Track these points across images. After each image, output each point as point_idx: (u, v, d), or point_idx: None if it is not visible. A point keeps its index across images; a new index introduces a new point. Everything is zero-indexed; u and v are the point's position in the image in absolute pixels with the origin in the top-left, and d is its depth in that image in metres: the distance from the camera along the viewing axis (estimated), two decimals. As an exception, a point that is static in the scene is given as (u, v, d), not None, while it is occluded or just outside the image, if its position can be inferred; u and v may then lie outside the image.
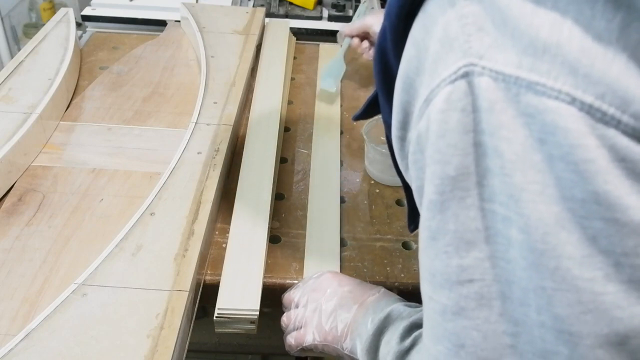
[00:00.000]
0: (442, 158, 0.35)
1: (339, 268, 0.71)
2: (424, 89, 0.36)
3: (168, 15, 1.25)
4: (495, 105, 0.32)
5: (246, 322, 0.65)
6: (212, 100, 0.94)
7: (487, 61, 0.33)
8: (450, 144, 0.34)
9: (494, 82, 0.32)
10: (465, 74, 0.33)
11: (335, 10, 1.32)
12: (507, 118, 0.32)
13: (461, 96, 0.33)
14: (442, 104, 0.34)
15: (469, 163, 0.34)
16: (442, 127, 0.34)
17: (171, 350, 0.56)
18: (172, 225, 0.70)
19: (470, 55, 0.33)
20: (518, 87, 0.32)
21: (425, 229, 0.37)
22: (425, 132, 0.36)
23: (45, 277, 0.65)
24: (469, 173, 0.34)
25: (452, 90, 0.34)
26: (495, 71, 0.32)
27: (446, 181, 0.35)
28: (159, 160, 0.83)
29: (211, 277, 0.69)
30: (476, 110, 0.33)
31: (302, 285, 0.66)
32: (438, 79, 0.35)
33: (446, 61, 0.34)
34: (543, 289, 0.32)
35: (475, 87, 0.33)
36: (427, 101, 0.35)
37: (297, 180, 0.86)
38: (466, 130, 0.34)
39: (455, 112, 0.34)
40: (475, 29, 0.34)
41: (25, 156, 0.81)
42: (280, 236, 0.76)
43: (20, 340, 0.56)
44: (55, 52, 1.01)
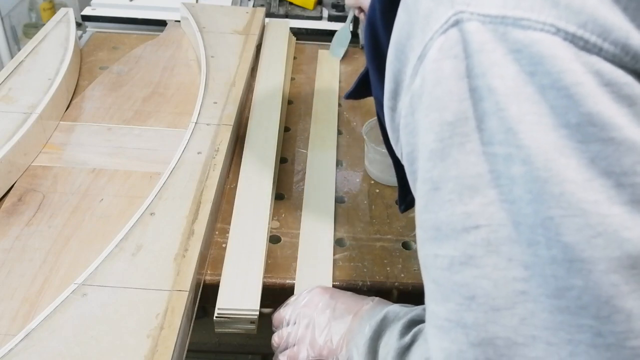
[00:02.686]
0: (439, 105, 0.35)
1: (331, 268, 0.71)
2: (417, 47, 0.37)
3: (168, 15, 1.25)
4: (485, 46, 0.33)
5: (246, 322, 0.65)
6: (212, 100, 0.94)
7: (474, 7, 0.34)
8: (446, 90, 0.35)
9: (482, 24, 0.33)
10: (455, 22, 0.34)
11: (335, 10, 1.32)
12: (497, 56, 0.33)
13: (453, 44, 0.34)
14: (436, 54, 0.35)
15: (466, 108, 0.34)
16: (437, 75, 0.35)
17: (171, 350, 0.56)
18: (172, 225, 0.70)
19: (458, 4, 0.34)
20: (505, 25, 0.33)
21: (426, 181, 0.37)
22: (419, 89, 0.36)
23: (45, 277, 0.65)
24: (467, 118, 0.34)
25: (444, 39, 0.35)
26: (482, 14, 0.33)
27: (445, 127, 0.35)
28: (159, 160, 0.83)
29: (211, 277, 0.69)
30: (469, 56, 0.34)
31: (293, 303, 0.64)
32: (430, 33, 0.35)
33: (437, 14, 0.35)
34: (551, 218, 0.32)
35: (465, 33, 0.34)
36: (421, 58, 0.36)
37: (297, 180, 0.86)
38: (460, 76, 0.34)
39: (449, 60, 0.34)
40: None
41: (25, 156, 0.81)
42: (280, 236, 0.76)
43: (20, 340, 0.56)
44: (55, 52, 1.01)
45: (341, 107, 1.03)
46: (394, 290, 0.71)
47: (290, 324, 0.62)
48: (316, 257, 0.72)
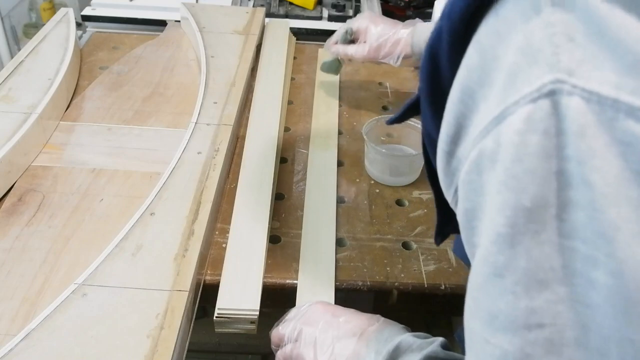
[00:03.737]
0: (517, 186, 0.31)
1: (334, 269, 0.71)
2: (493, 104, 0.32)
3: (168, 15, 1.25)
4: (586, 130, 0.29)
5: (246, 322, 0.65)
6: (212, 100, 0.94)
7: (578, 78, 0.29)
8: (529, 170, 0.30)
9: (586, 103, 0.29)
10: (551, 92, 0.29)
11: (335, 10, 1.32)
12: (599, 145, 0.28)
13: (544, 117, 0.30)
14: (521, 125, 0.30)
15: (549, 193, 0.30)
16: (520, 150, 0.30)
17: (171, 350, 0.56)
18: (172, 225, 0.70)
19: (558, 71, 0.29)
20: (615, 111, 0.28)
21: (487, 263, 0.33)
22: (492, 154, 0.32)
23: (45, 277, 0.65)
24: (547, 205, 0.30)
25: (533, 109, 0.30)
26: (588, 91, 0.29)
27: (520, 212, 0.31)
28: (159, 160, 0.83)
29: (211, 277, 0.69)
30: (561, 134, 0.29)
31: (292, 319, 0.60)
32: (516, 96, 0.31)
33: (528, 76, 0.31)
34: (631, 341, 0.29)
35: (562, 108, 0.29)
36: (499, 119, 0.31)
37: (297, 180, 0.86)
38: (548, 156, 0.30)
39: (535, 135, 0.30)
40: (565, 40, 0.30)
41: (25, 156, 0.81)
42: (280, 236, 0.76)
43: (20, 340, 0.56)
44: (55, 52, 1.01)
45: (341, 107, 1.03)
46: (394, 290, 0.71)
47: (292, 341, 0.59)
48: (319, 257, 0.72)
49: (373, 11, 1.27)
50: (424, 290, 0.71)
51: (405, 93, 1.09)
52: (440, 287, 0.70)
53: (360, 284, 0.70)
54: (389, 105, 1.05)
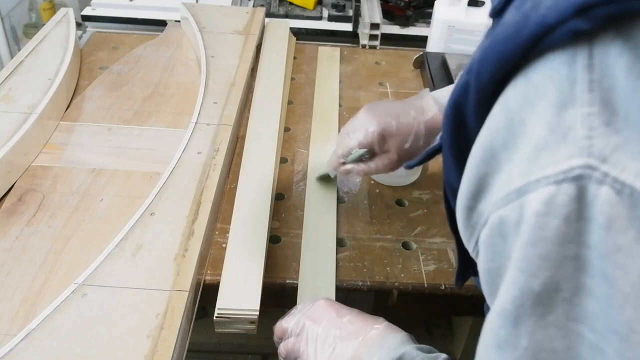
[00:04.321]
0: (528, 269, 0.30)
1: (334, 269, 0.71)
2: (517, 173, 0.31)
3: (168, 15, 1.25)
4: (614, 224, 0.27)
5: (246, 322, 0.65)
6: (212, 100, 0.94)
7: (611, 167, 0.27)
8: (543, 255, 0.29)
9: (617, 195, 0.27)
10: (578, 176, 0.28)
11: (335, 10, 1.32)
12: (627, 241, 0.27)
13: (567, 202, 0.28)
14: (541, 207, 0.29)
15: (561, 278, 0.29)
16: (536, 234, 0.29)
17: (171, 350, 0.56)
18: (172, 225, 0.70)
19: (590, 155, 0.27)
20: None
21: (492, 331, 0.33)
22: (514, 226, 0.31)
23: (45, 277, 0.65)
24: (558, 289, 0.29)
25: (556, 192, 0.28)
26: (621, 182, 0.27)
27: (527, 295, 0.30)
28: (159, 160, 0.83)
29: (211, 277, 0.69)
30: (582, 220, 0.28)
31: (297, 313, 0.60)
32: (539, 173, 0.29)
33: (554, 154, 0.29)
34: None
35: (588, 195, 0.28)
36: (520, 192, 0.30)
37: (297, 180, 0.86)
38: (565, 241, 0.29)
39: (555, 220, 0.28)
40: (601, 122, 0.28)
41: (25, 156, 0.81)
42: (280, 236, 0.76)
43: (20, 340, 0.56)
44: (55, 52, 1.01)
45: (341, 107, 1.03)
46: (394, 290, 0.71)
47: (294, 335, 0.58)
48: (319, 257, 0.72)
49: (373, 11, 1.27)
50: (424, 290, 0.71)
51: (405, 93, 1.09)
52: (440, 287, 0.70)
53: (360, 284, 0.70)
54: (389, 105, 1.05)
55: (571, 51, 0.29)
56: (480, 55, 0.34)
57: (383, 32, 1.23)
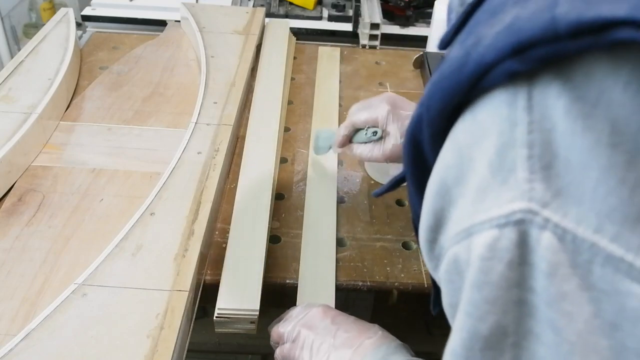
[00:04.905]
0: (475, 313, 0.29)
1: (334, 269, 0.71)
2: (465, 212, 0.30)
3: (168, 15, 1.25)
4: (557, 270, 0.26)
5: (246, 322, 0.65)
6: (212, 100, 0.94)
7: (553, 212, 0.26)
8: (489, 299, 0.29)
9: (559, 241, 0.26)
10: (520, 221, 0.27)
11: (335, 10, 1.32)
12: (571, 288, 0.26)
13: (510, 246, 0.27)
14: (485, 251, 0.28)
15: (508, 322, 0.29)
16: (481, 278, 0.29)
17: (171, 350, 0.56)
18: (172, 225, 0.70)
19: (530, 200, 0.27)
20: (592, 255, 0.26)
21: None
22: (466, 265, 0.30)
23: (45, 277, 0.65)
24: (506, 334, 0.29)
25: (498, 236, 0.28)
26: (562, 228, 0.26)
27: (476, 339, 0.30)
28: (159, 160, 0.83)
29: (211, 277, 0.69)
30: (526, 264, 0.27)
31: (293, 319, 0.60)
32: (483, 215, 0.28)
33: (497, 196, 0.28)
34: None
35: (531, 240, 0.27)
36: (467, 233, 0.30)
37: (297, 180, 0.86)
38: (510, 286, 0.28)
39: (499, 264, 0.28)
40: (542, 166, 0.27)
41: (25, 156, 0.81)
42: (280, 236, 0.76)
43: (20, 340, 0.56)
44: (55, 52, 1.01)
45: (341, 107, 1.03)
46: (394, 290, 0.71)
47: (290, 341, 0.59)
48: (319, 257, 0.72)
49: (373, 11, 1.27)
50: (424, 290, 0.71)
51: (405, 93, 1.09)
52: (440, 287, 0.70)
53: (360, 284, 0.70)
54: (389, 105, 1.05)
55: (512, 90, 0.29)
56: (429, 89, 0.33)
57: (383, 32, 1.23)
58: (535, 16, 0.27)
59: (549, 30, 0.26)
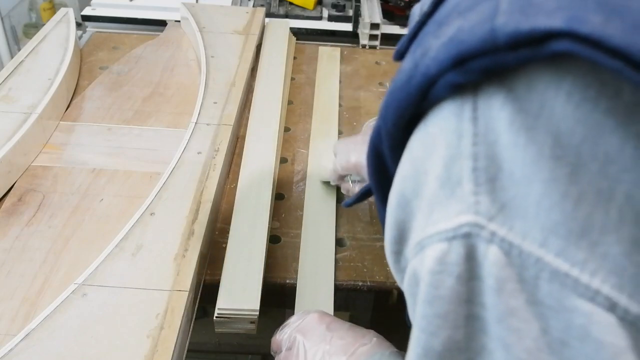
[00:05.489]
0: (427, 328, 0.29)
1: (333, 269, 0.71)
2: (419, 224, 0.30)
3: (168, 15, 1.25)
4: (505, 286, 0.26)
5: (246, 322, 0.65)
6: (212, 100, 0.94)
7: (498, 226, 0.26)
8: (439, 314, 0.28)
9: (505, 256, 0.26)
10: (467, 234, 0.27)
11: (335, 10, 1.32)
12: (518, 304, 0.26)
13: (458, 260, 0.27)
14: (433, 265, 0.28)
15: (460, 338, 0.28)
16: (431, 292, 0.28)
17: (171, 350, 0.56)
18: (172, 225, 0.70)
19: (477, 213, 0.27)
20: (539, 270, 0.25)
21: None
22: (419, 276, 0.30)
23: (45, 277, 0.65)
24: (459, 349, 0.29)
25: (447, 250, 0.27)
26: (508, 242, 0.26)
27: (430, 354, 0.29)
28: (159, 160, 0.83)
29: (211, 277, 0.69)
30: (474, 279, 0.27)
31: (289, 326, 0.60)
32: (432, 228, 0.28)
33: (445, 209, 0.28)
34: None
35: (478, 255, 0.27)
36: (420, 246, 0.29)
37: (297, 180, 0.86)
38: (460, 301, 0.28)
39: (448, 278, 0.28)
40: (487, 178, 0.27)
41: (25, 156, 0.81)
42: (280, 236, 0.76)
43: (20, 340, 0.56)
44: (55, 52, 1.01)
45: (341, 107, 1.03)
46: (394, 290, 0.71)
47: (286, 348, 0.58)
48: (318, 257, 0.72)
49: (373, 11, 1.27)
50: (424, 290, 0.70)
51: (405, 93, 1.09)
52: (440, 287, 0.70)
53: (360, 284, 0.70)
54: (389, 105, 1.05)
55: (459, 102, 0.28)
56: (385, 99, 0.33)
57: (383, 32, 1.23)
58: (475, 28, 0.26)
59: (487, 42, 0.26)
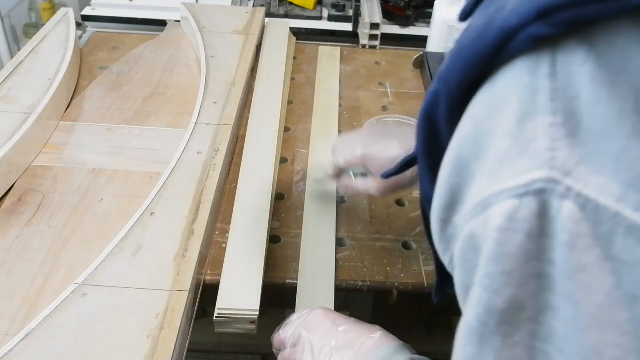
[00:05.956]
0: (491, 286, 0.29)
1: (334, 269, 0.71)
2: (482, 184, 0.29)
3: (168, 15, 1.25)
4: (578, 241, 0.26)
5: (246, 322, 0.65)
6: (212, 100, 0.94)
7: (575, 181, 0.26)
8: (505, 272, 0.28)
9: (581, 210, 0.26)
10: (540, 190, 0.26)
11: (335, 10, 1.32)
12: (591, 259, 0.26)
13: (529, 217, 0.27)
14: (503, 222, 0.27)
15: (525, 296, 0.28)
16: (498, 250, 0.28)
17: (171, 350, 0.56)
18: (172, 225, 0.70)
19: (552, 169, 0.26)
20: (615, 225, 0.25)
21: (459, 348, 0.32)
22: (483, 239, 0.29)
23: (45, 277, 0.65)
24: (523, 307, 0.28)
25: (517, 206, 0.27)
26: (584, 197, 0.26)
27: (491, 313, 0.29)
28: (159, 160, 0.83)
29: (211, 277, 0.69)
30: (545, 236, 0.27)
31: (294, 323, 0.59)
32: (501, 186, 0.28)
33: (516, 165, 0.27)
34: None
35: (551, 211, 0.26)
36: (484, 205, 0.29)
37: (297, 180, 0.86)
38: (529, 259, 0.27)
39: (518, 235, 0.27)
40: (565, 134, 0.26)
41: (25, 156, 0.81)
42: (280, 236, 0.76)
43: (20, 340, 0.56)
44: (55, 52, 1.01)
45: (341, 107, 1.03)
46: (394, 290, 0.71)
47: (291, 345, 0.58)
48: (319, 257, 0.72)
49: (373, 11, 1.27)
50: (424, 290, 0.70)
51: (405, 93, 1.09)
52: (440, 287, 0.70)
53: (360, 284, 0.70)
54: (389, 105, 1.05)
55: (534, 58, 0.28)
56: (449, 61, 0.33)
57: (383, 32, 1.23)
58: None
59: None
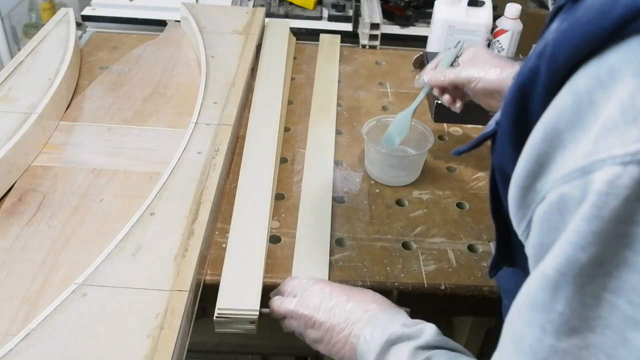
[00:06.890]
0: (579, 242, 0.31)
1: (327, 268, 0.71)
2: (581, 152, 0.31)
3: (168, 15, 1.25)
4: None
5: (246, 322, 0.65)
6: (212, 100, 0.94)
7: None
8: (596, 232, 0.30)
9: None
10: None
11: (335, 10, 1.32)
12: None
13: (630, 183, 0.29)
14: (604, 187, 0.29)
15: (606, 253, 0.30)
16: (593, 212, 0.30)
17: (171, 350, 0.56)
18: (172, 225, 0.70)
19: None
20: None
21: (529, 293, 0.35)
22: (576, 203, 0.31)
23: (45, 277, 0.65)
24: (602, 263, 0.31)
25: (620, 173, 0.29)
26: None
27: (572, 265, 0.31)
28: (159, 160, 0.83)
29: (211, 277, 0.69)
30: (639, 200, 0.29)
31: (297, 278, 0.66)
32: (605, 153, 0.30)
33: (623, 135, 0.29)
34: None
35: None
36: (584, 171, 0.31)
37: (297, 180, 0.86)
38: (619, 221, 0.30)
39: (616, 200, 0.29)
40: None
41: (25, 156, 0.81)
42: (280, 236, 0.76)
43: (20, 340, 0.56)
44: (55, 52, 1.01)
45: (341, 107, 1.03)
46: (394, 290, 0.71)
47: (290, 295, 0.64)
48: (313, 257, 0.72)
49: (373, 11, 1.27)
50: (424, 290, 0.71)
51: (405, 93, 1.09)
52: (440, 287, 0.70)
53: (360, 284, 0.70)
54: (389, 105, 1.05)
55: None
56: (557, 38, 0.34)
57: (383, 32, 1.23)
58: None
59: None
